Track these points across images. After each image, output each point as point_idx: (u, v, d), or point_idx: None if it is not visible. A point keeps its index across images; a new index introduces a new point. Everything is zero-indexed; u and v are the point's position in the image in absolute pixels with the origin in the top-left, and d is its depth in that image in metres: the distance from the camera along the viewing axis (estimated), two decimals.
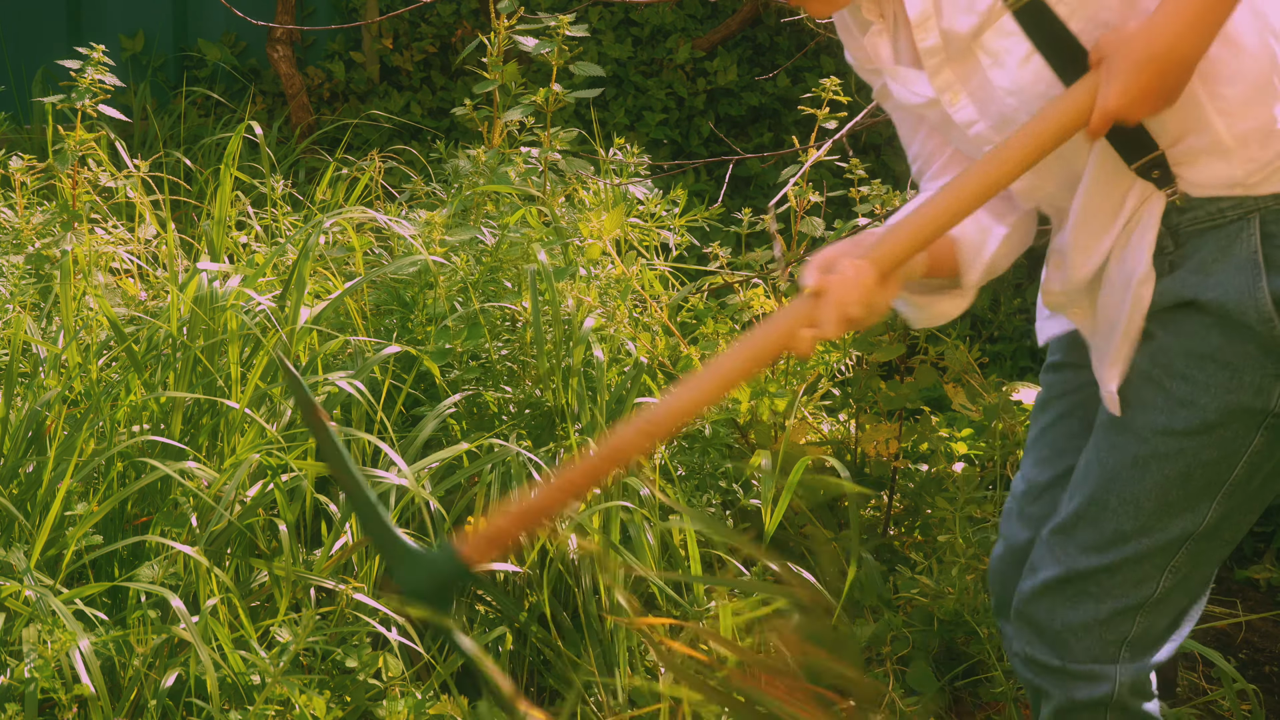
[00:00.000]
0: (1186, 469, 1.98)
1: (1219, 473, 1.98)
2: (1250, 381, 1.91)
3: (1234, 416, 1.94)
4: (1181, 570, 2.04)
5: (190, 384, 2.78)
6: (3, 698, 2.26)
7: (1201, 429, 1.95)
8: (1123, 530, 2.04)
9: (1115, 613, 2.07)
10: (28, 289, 3.31)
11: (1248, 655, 3.33)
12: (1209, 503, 2.00)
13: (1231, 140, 1.85)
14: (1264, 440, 1.95)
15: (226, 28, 5.72)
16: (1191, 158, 1.88)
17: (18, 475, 2.63)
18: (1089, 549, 2.07)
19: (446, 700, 2.41)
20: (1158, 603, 2.06)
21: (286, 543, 2.49)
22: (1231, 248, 1.87)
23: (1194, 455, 1.97)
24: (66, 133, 3.57)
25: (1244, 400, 1.92)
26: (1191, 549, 2.03)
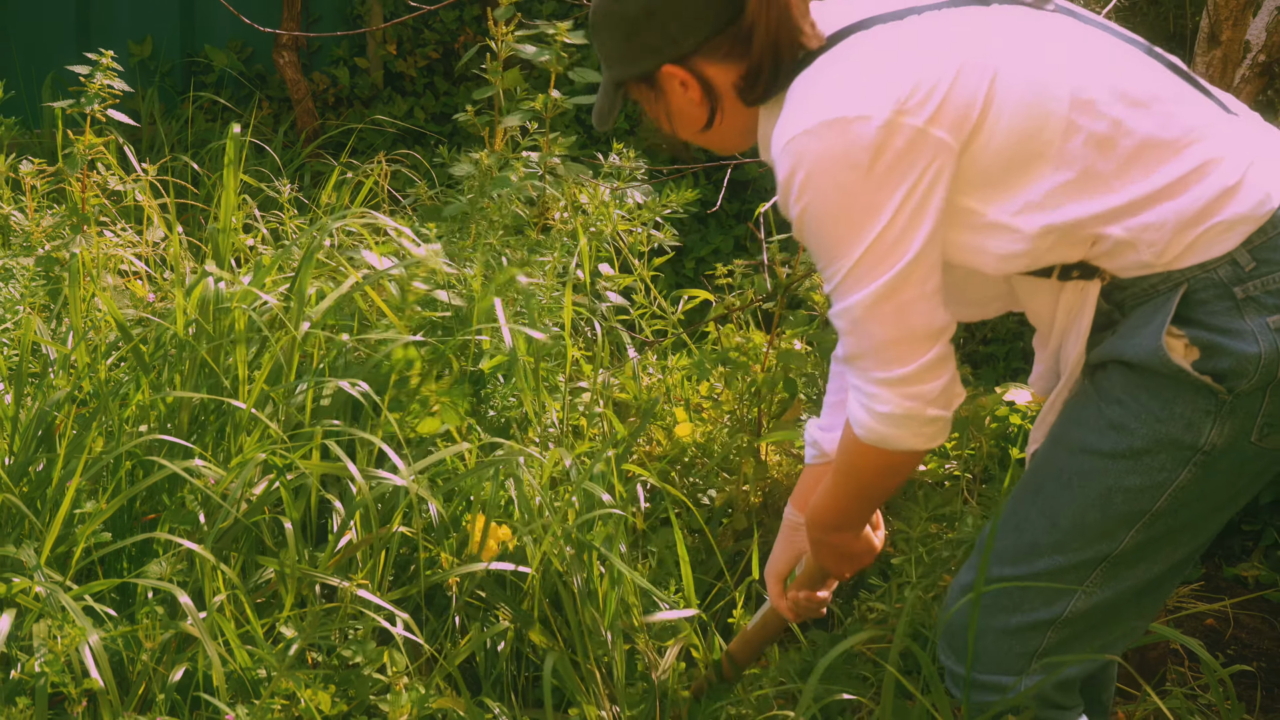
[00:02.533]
0: (1107, 491, 1.98)
1: (1140, 501, 1.97)
2: (1181, 414, 1.92)
3: (1162, 447, 1.94)
4: (1096, 592, 2.02)
5: (197, 384, 2.78)
6: (14, 692, 2.26)
7: (1128, 454, 1.96)
8: (1038, 543, 2.03)
9: (1025, 626, 2.06)
10: (37, 290, 3.31)
11: (1235, 650, 3.33)
12: (1127, 529, 1.99)
13: (1128, 235, 1.90)
14: (1191, 477, 1.95)
15: (233, 34, 5.72)
16: (1104, 258, 1.94)
17: (28, 473, 2.63)
18: (1004, 559, 2.07)
19: (449, 694, 2.41)
20: (1070, 621, 2.04)
21: (291, 540, 2.49)
22: (1156, 315, 1.92)
23: (1116, 478, 1.97)
24: (76, 137, 3.57)
25: (1173, 432, 1.93)
26: (1107, 571, 2.01)
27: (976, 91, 1.87)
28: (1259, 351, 1.87)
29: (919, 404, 1.92)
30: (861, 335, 1.92)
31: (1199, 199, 1.88)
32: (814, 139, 1.87)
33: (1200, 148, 1.91)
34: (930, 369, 1.92)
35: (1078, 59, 1.92)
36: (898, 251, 1.88)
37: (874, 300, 1.89)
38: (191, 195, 4.16)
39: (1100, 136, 1.89)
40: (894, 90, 1.86)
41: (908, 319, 1.90)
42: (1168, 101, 1.92)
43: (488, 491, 2.68)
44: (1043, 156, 1.89)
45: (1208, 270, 1.90)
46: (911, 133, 1.85)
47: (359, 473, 2.55)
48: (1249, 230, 1.88)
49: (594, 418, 3.10)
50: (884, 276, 1.88)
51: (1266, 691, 3.19)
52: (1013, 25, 1.95)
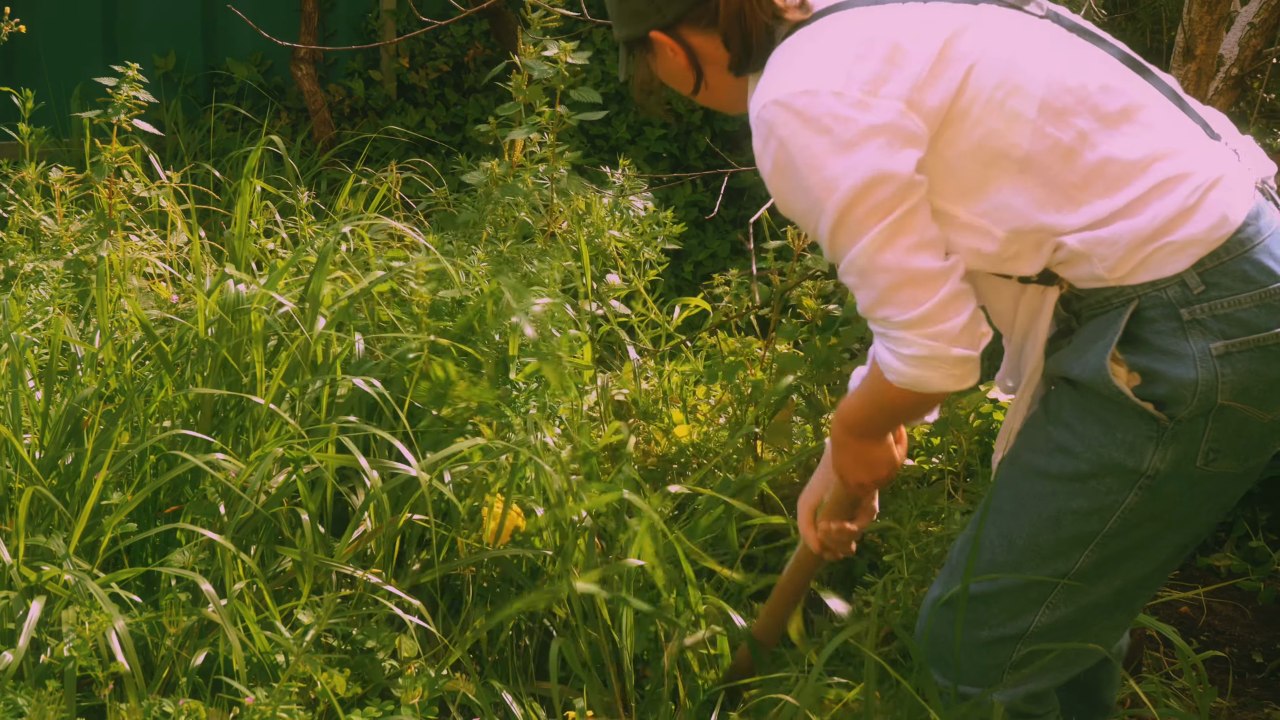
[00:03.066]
0: (1057, 513, 1.95)
1: (1090, 524, 1.94)
2: (1123, 439, 1.89)
3: (1107, 470, 1.91)
4: (1060, 608, 2.00)
5: (218, 382, 2.79)
6: (44, 675, 2.27)
7: (1074, 477, 1.93)
8: (997, 562, 2.01)
9: (993, 640, 2.04)
10: (66, 292, 3.32)
11: (1209, 637, 3.34)
12: (1080, 550, 1.96)
13: (1083, 247, 1.87)
14: (1139, 500, 1.92)
15: (253, 48, 5.72)
16: (1060, 266, 1.91)
17: (57, 467, 2.64)
18: (969, 576, 2.04)
19: (460, 678, 2.42)
20: (1038, 636, 2.02)
21: (309, 530, 2.50)
22: (1106, 331, 1.89)
23: (1064, 501, 1.95)
24: (103, 146, 3.58)
25: (1116, 456, 1.90)
26: (1068, 590, 1.98)
27: (951, 81, 1.86)
28: (1195, 378, 1.83)
29: (942, 343, 1.88)
30: (870, 285, 1.89)
31: (1155, 218, 1.84)
32: (785, 108, 1.87)
33: (1165, 165, 1.86)
34: (946, 306, 1.87)
35: (1054, 66, 1.88)
36: (882, 207, 1.85)
37: (875, 249, 1.86)
38: (213, 201, 4.17)
39: (1065, 147, 1.86)
40: (867, 69, 1.85)
41: (910, 262, 1.86)
42: (1140, 117, 1.89)
43: (502, 479, 2.68)
44: (1009, 158, 1.87)
45: (1158, 289, 1.85)
46: (881, 111, 1.84)
47: (372, 466, 2.55)
48: (1200, 253, 1.84)
49: (593, 422, 3.11)
50: (876, 227, 1.86)
51: (1238, 676, 3.19)
52: (993, 24, 1.92)
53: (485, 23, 5.79)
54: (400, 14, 5.83)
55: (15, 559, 2.38)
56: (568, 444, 2.84)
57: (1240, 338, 1.83)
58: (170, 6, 5.61)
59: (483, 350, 2.87)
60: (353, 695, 2.37)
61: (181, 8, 5.63)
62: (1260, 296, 1.83)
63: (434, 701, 2.35)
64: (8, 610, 2.31)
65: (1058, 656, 2.04)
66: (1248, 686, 3.17)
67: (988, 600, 2.02)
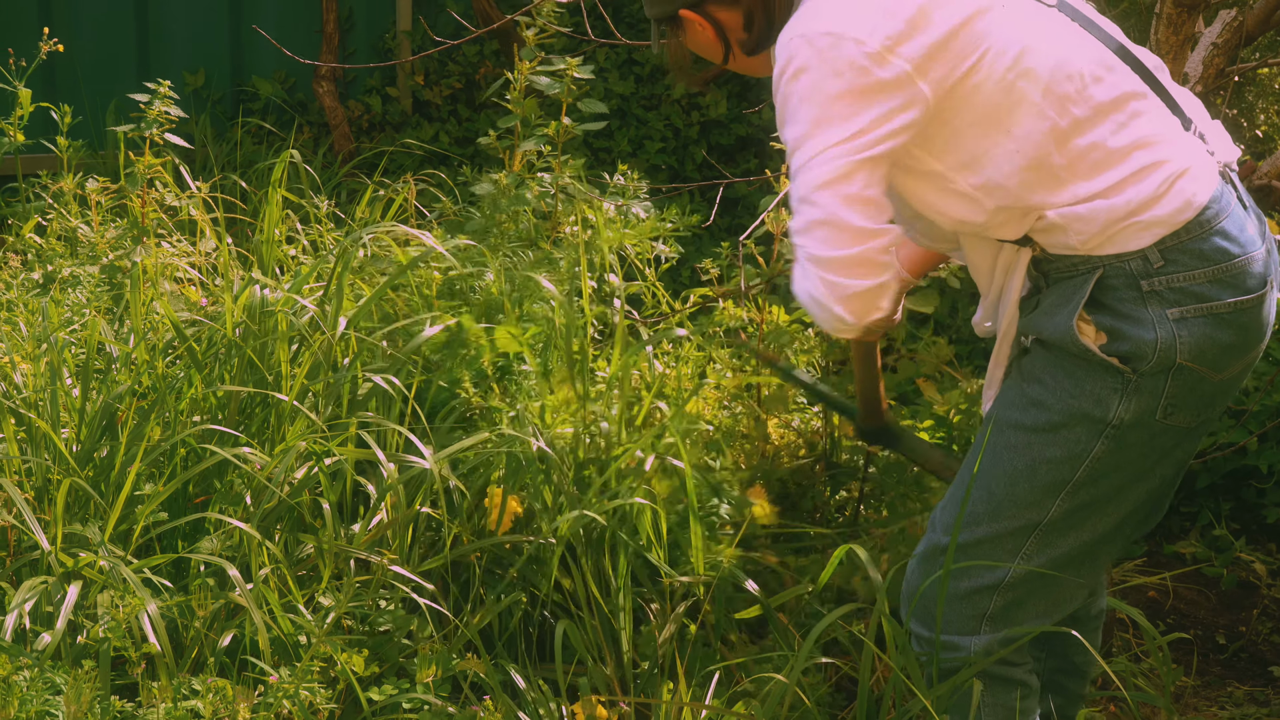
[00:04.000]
0: (1032, 463, 2.00)
1: (1062, 472, 1.99)
2: (1091, 391, 1.95)
3: (1076, 420, 1.96)
4: (1033, 557, 2.04)
5: (244, 379, 2.79)
6: (80, 655, 2.27)
7: (1047, 427, 1.98)
8: (976, 513, 2.05)
9: (972, 590, 2.07)
10: (102, 296, 3.31)
11: (1175, 620, 3.33)
12: (1053, 499, 2.00)
13: (1061, 220, 1.93)
14: (1105, 449, 1.97)
15: (277, 66, 5.71)
16: (1037, 233, 1.97)
17: (93, 459, 2.63)
18: (948, 527, 2.09)
19: (471, 658, 2.41)
20: (1012, 586, 2.05)
21: (329, 519, 2.50)
22: (1073, 296, 1.95)
23: (1039, 451, 1.99)
24: (136, 158, 3.57)
25: (1085, 407, 1.96)
26: (1040, 539, 2.03)
27: (966, 57, 1.88)
28: (1155, 339, 1.90)
29: (832, 296, 1.92)
30: (801, 213, 1.94)
31: (1130, 201, 1.90)
32: (809, 44, 1.89)
33: (1143, 154, 1.92)
34: (854, 265, 1.91)
35: (1061, 55, 1.92)
36: (853, 153, 1.88)
37: (823, 183, 1.89)
38: (239, 210, 4.16)
39: (1061, 131, 1.91)
40: (892, 25, 1.88)
41: (845, 210, 1.90)
42: (1128, 107, 1.94)
43: (503, 469, 2.68)
44: (1009, 134, 1.90)
45: (1122, 260, 1.92)
46: (895, 68, 1.87)
47: (388, 459, 2.55)
48: (1163, 233, 1.90)
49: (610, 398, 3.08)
50: (834, 165, 1.88)
51: (1202, 657, 3.19)
52: (1013, 8, 1.94)
53: (495, 43, 5.78)
54: (415, 34, 5.82)
55: (54, 546, 2.37)
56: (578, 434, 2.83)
57: (1192, 305, 1.90)
58: (200, 27, 5.60)
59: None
60: (370, 674, 2.36)
61: (210, 28, 5.62)
62: (1213, 273, 1.91)
63: (447, 680, 2.35)
64: (46, 594, 2.31)
65: (1032, 608, 2.08)
66: (1211, 666, 3.17)
67: (967, 551, 2.06)
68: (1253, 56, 4.97)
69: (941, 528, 2.10)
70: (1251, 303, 1.93)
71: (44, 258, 3.55)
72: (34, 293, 3.36)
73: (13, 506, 2.44)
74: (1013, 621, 2.08)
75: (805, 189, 1.92)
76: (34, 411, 2.66)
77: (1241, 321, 1.93)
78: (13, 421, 2.64)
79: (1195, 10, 2.67)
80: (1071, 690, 2.35)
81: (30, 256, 3.63)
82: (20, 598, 2.26)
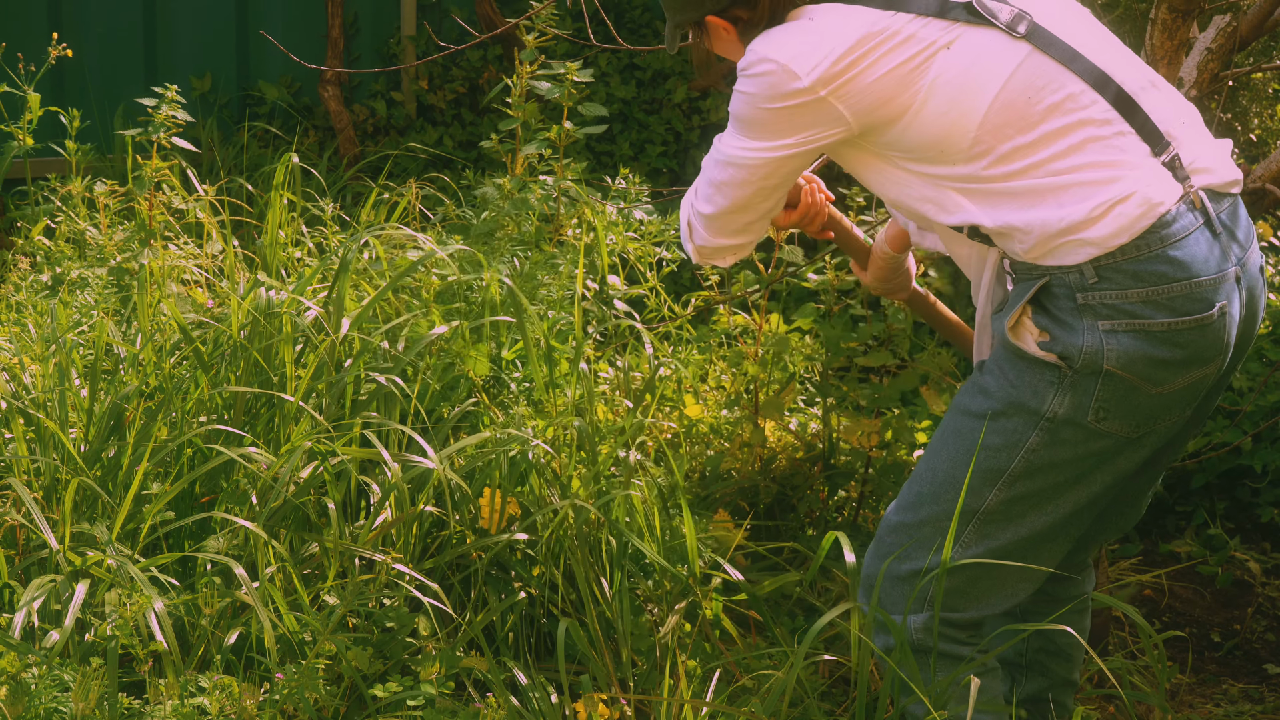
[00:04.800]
0: (972, 447, 2.07)
1: (999, 459, 2.06)
2: (1029, 382, 2.03)
3: (1014, 409, 2.04)
4: (971, 545, 2.09)
5: (250, 380, 2.79)
6: (88, 652, 2.27)
7: (989, 414, 2.06)
8: (921, 494, 2.13)
9: (913, 572, 2.12)
10: (110, 297, 3.32)
11: (1170, 618, 3.33)
12: (990, 487, 2.07)
13: (999, 229, 2.03)
14: (1040, 441, 2.04)
15: (283, 71, 5.71)
16: (995, 239, 2.07)
17: (101, 459, 2.64)
18: (899, 506, 2.16)
19: (474, 656, 2.42)
20: (954, 571, 2.10)
21: (334, 518, 2.50)
22: (1021, 297, 2.04)
23: (981, 437, 2.06)
24: (144, 161, 3.58)
25: (1023, 397, 2.03)
26: (978, 529, 2.09)
27: (911, 92, 2.00)
28: (1082, 344, 1.97)
29: (691, 244, 2.29)
30: (712, 192, 2.21)
31: (1063, 220, 1.98)
32: (759, 62, 2.07)
33: (1083, 175, 1.98)
34: (720, 252, 2.26)
35: (1008, 88, 2.00)
36: (772, 172, 2.13)
37: (736, 186, 2.16)
38: (245, 213, 4.16)
39: (999, 154, 2.00)
40: (827, 62, 2.02)
41: (740, 217, 2.20)
42: (1076, 134, 1.99)
43: (502, 469, 2.68)
44: (950, 160, 2.02)
45: (1063, 273, 2.00)
46: (821, 104, 2.03)
47: (393, 458, 2.55)
48: (1096, 253, 1.97)
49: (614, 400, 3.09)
50: (752, 182, 2.16)
51: (1197, 654, 3.19)
52: (968, 45, 2.01)
53: (498, 47, 5.79)
54: (420, 39, 5.82)
55: (62, 545, 2.37)
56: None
57: (1124, 320, 1.97)
58: (206, 32, 5.61)
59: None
60: (375, 671, 2.36)
61: (217, 34, 5.62)
62: (1147, 294, 1.97)
63: (450, 677, 2.35)
64: (55, 592, 2.31)
65: (977, 595, 2.13)
66: (1206, 664, 3.17)
67: (908, 530, 2.13)
68: (1247, 61, 4.97)
69: (893, 507, 2.18)
70: (1188, 324, 1.97)
71: (52, 260, 3.56)
72: (43, 294, 3.37)
73: (21, 506, 2.44)
74: (958, 607, 2.14)
75: (720, 179, 2.19)
76: (42, 412, 2.67)
77: (1178, 340, 1.98)
78: (22, 421, 2.64)
79: (1190, 15, 2.67)
80: (1056, 672, 2.37)
81: (39, 259, 3.63)
82: (29, 596, 2.26)
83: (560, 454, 2.74)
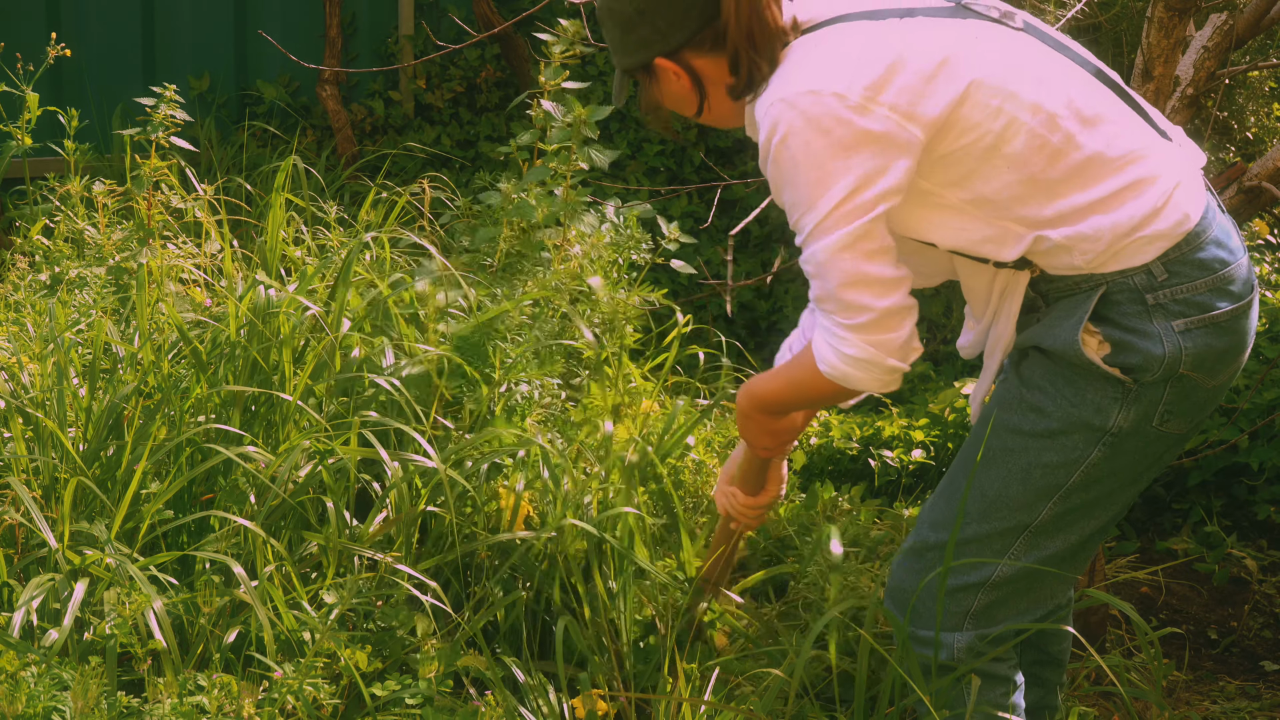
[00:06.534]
0: (1027, 467, 1.99)
1: (1056, 477, 1.98)
2: (1091, 400, 1.94)
3: (1075, 428, 1.95)
4: (1020, 557, 2.03)
5: (249, 380, 2.78)
6: (87, 651, 2.26)
7: (1045, 434, 1.97)
8: (968, 512, 2.03)
9: (957, 588, 2.06)
10: (108, 297, 3.31)
11: (1167, 615, 3.33)
12: (1045, 502, 1.99)
13: (1066, 241, 1.91)
14: (1101, 455, 1.96)
15: (281, 70, 5.71)
16: (1040, 255, 1.95)
17: (100, 458, 2.63)
18: (937, 524, 2.08)
19: (473, 654, 2.41)
20: (997, 585, 2.04)
21: (333, 517, 2.49)
22: (1076, 310, 1.94)
23: (1035, 455, 1.98)
24: (142, 161, 3.57)
25: (1085, 415, 1.95)
26: (1029, 540, 2.02)
27: (951, 92, 1.87)
28: (1163, 353, 1.90)
29: (880, 352, 1.91)
30: (826, 278, 1.90)
31: (1133, 216, 1.89)
32: (791, 106, 1.87)
33: (1137, 168, 1.91)
34: (891, 315, 1.90)
35: (1041, 75, 1.92)
36: (859, 210, 1.86)
37: (837, 248, 1.87)
38: (244, 212, 4.16)
39: (1054, 148, 1.89)
40: (869, 74, 1.86)
41: (865, 267, 1.88)
42: (1113, 122, 1.93)
43: (518, 473, 2.67)
44: (1003, 157, 1.89)
45: (1126, 276, 1.91)
46: (879, 117, 1.85)
47: (392, 458, 2.55)
48: (1166, 246, 1.90)
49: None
50: (846, 228, 1.86)
51: (1194, 652, 3.19)
52: (985, 38, 1.93)
53: (496, 47, 5.78)
54: (418, 39, 5.82)
55: (61, 544, 2.37)
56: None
57: (1196, 316, 1.90)
58: (205, 32, 5.60)
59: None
60: (374, 669, 2.36)
61: (215, 33, 5.62)
62: (1212, 281, 1.91)
63: (449, 675, 2.35)
64: (54, 591, 2.30)
65: (1014, 606, 2.07)
66: (1203, 662, 3.17)
67: (956, 548, 2.04)
68: (1243, 59, 4.97)
69: (928, 525, 2.10)
70: (1244, 309, 1.94)
71: (51, 259, 3.55)
72: (41, 294, 3.36)
73: (21, 505, 2.43)
74: (995, 619, 2.08)
75: (823, 254, 1.89)
76: (41, 411, 2.66)
77: (1236, 328, 1.94)
78: (20, 421, 2.64)
79: (1186, 14, 2.67)
80: (1049, 680, 2.36)
81: (38, 258, 3.63)
82: (28, 595, 2.26)
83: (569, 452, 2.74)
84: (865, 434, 3.53)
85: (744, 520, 2.38)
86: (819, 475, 3.49)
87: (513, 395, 2.87)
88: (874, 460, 3.43)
